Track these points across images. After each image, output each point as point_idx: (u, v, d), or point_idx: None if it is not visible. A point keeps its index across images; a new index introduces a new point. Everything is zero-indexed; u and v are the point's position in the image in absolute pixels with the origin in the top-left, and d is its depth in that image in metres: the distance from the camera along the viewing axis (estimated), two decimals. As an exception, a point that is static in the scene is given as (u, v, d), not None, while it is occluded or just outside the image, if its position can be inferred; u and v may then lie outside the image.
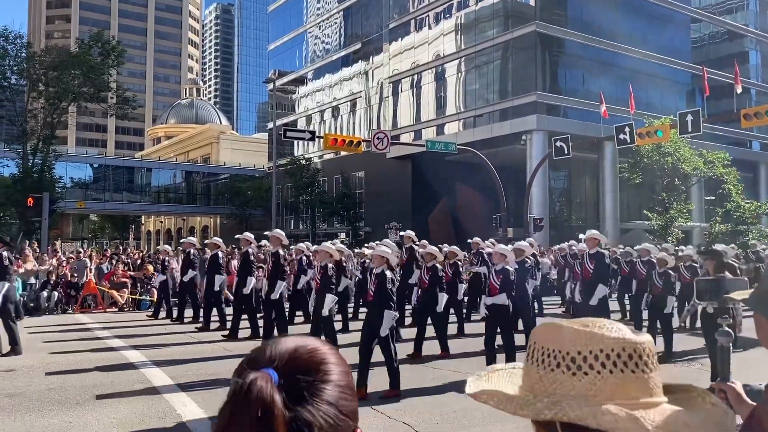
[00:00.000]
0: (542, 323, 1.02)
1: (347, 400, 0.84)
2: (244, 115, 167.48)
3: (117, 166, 58.22)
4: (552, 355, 0.94)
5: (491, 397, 0.98)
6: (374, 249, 8.78)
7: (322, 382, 0.83)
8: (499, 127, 36.06)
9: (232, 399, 0.80)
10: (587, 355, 0.91)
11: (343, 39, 50.95)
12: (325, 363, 0.85)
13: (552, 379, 0.94)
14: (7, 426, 6.16)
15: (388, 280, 7.37)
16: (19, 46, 34.15)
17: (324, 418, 0.80)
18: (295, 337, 0.89)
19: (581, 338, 0.93)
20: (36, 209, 27.93)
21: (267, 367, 0.82)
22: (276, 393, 0.78)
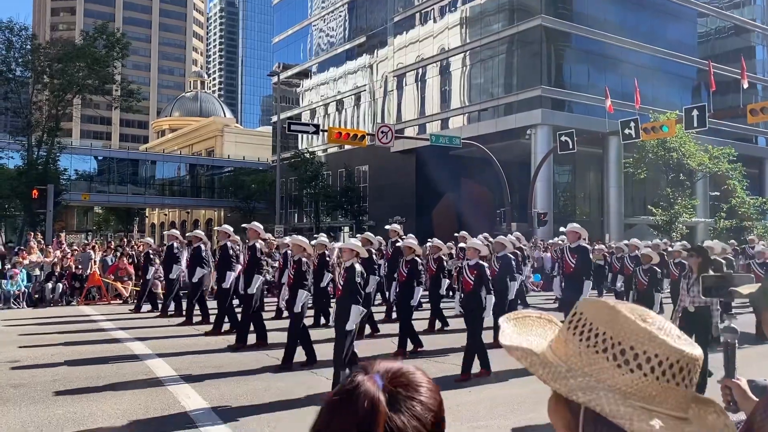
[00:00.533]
0: (595, 300, 1.00)
1: (432, 421, 0.94)
2: (248, 108, 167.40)
3: (121, 159, 58.27)
4: (601, 337, 0.92)
5: (525, 357, 0.98)
6: None
7: (415, 399, 0.92)
8: (503, 121, 35.97)
9: (341, 393, 0.91)
10: (640, 353, 0.89)
11: (347, 32, 50.83)
12: (420, 385, 0.95)
13: (592, 360, 0.92)
14: (13, 416, 6.20)
15: (357, 273, 7.16)
16: (24, 38, 34.16)
17: (412, 428, 0.90)
18: (400, 362, 1.00)
19: (640, 334, 0.90)
20: (41, 201, 28.03)
21: (375, 374, 0.94)
22: (381, 395, 0.89)
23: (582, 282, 9.40)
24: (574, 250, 9.63)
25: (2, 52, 33.34)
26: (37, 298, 16.18)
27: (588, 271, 9.47)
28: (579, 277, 9.42)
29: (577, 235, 9.74)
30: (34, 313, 14.53)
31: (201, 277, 12.63)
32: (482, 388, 7.61)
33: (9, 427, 5.88)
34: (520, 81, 36.27)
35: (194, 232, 13.66)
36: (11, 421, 6.07)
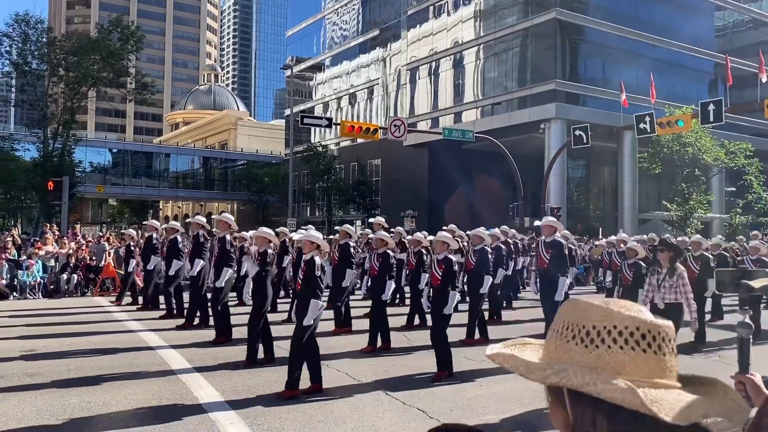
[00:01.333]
0: (569, 299, 1.06)
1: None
2: (261, 102, 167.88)
3: (135, 151, 58.69)
4: (569, 328, 0.99)
5: (506, 360, 1.03)
6: None
7: None
8: (517, 115, 35.78)
9: None
10: (601, 329, 0.96)
11: (360, 25, 50.74)
12: None
13: (565, 350, 0.98)
14: (28, 405, 6.27)
15: (316, 267, 6.87)
16: (40, 31, 34.42)
17: None
18: None
19: (597, 313, 0.97)
20: (56, 193, 28.28)
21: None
22: None
23: (557, 279, 8.81)
24: (548, 245, 9.05)
25: (19, 45, 33.62)
26: (52, 288, 16.35)
27: (563, 268, 8.85)
28: (554, 274, 8.82)
29: (552, 228, 9.17)
30: (49, 303, 14.68)
31: (177, 270, 12.23)
32: (493, 382, 7.59)
33: (25, 415, 5.95)
34: (534, 75, 36.05)
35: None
36: (27, 409, 6.15)
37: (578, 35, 36.84)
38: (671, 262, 7.23)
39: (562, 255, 8.94)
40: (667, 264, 7.29)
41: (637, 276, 9.86)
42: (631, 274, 9.92)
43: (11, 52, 33.85)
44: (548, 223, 9.34)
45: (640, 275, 9.70)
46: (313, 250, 7.10)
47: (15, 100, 40.67)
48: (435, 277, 7.95)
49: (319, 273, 6.88)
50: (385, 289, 9.42)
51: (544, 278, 9.13)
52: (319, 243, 7.27)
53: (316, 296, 6.77)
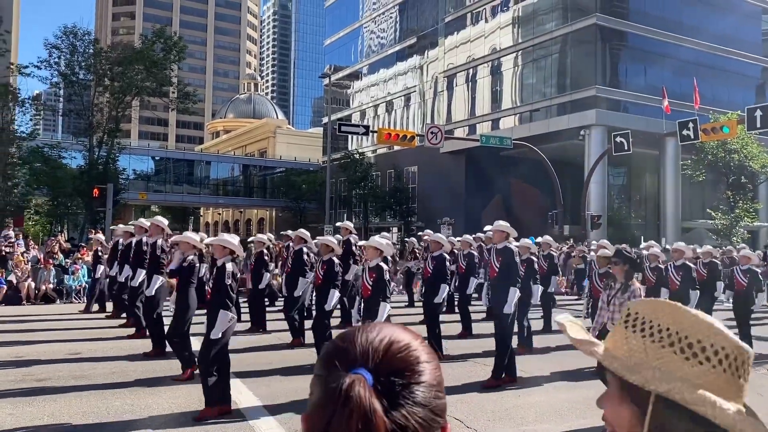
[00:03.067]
0: (650, 299, 1.02)
1: (438, 398, 0.82)
2: (299, 110, 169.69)
3: (177, 159, 59.91)
4: (665, 332, 0.95)
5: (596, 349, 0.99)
6: None
7: (415, 383, 0.80)
8: (556, 121, 35.38)
9: (328, 405, 0.76)
10: (707, 346, 0.93)
11: (398, 33, 50.94)
12: (418, 362, 0.82)
13: (660, 355, 0.95)
14: (73, 407, 6.44)
15: (227, 274, 6.32)
16: (87, 42, 35.44)
17: (417, 420, 0.78)
18: (385, 328, 0.85)
19: (704, 328, 0.94)
20: (101, 200, 29.06)
21: (360, 366, 0.79)
22: (376, 401, 0.75)
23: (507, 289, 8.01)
24: (499, 252, 8.20)
25: (67, 57, 34.69)
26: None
27: (514, 277, 8.03)
28: (504, 284, 8.02)
29: (504, 234, 8.36)
30: (94, 307, 15.05)
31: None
32: (530, 392, 7.50)
33: (71, 416, 6.11)
34: (573, 81, 35.62)
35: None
36: (73, 410, 6.31)
37: (619, 41, 36.28)
38: (626, 277, 6.26)
39: (513, 263, 8.04)
40: (621, 279, 6.30)
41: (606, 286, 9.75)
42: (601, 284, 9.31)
43: (60, 63, 34.95)
44: (499, 228, 8.41)
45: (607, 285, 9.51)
46: (226, 256, 6.48)
47: (63, 109, 41.98)
48: (365, 287, 7.49)
49: (229, 281, 6.29)
50: (328, 298, 8.62)
51: (494, 288, 8.28)
52: (233, 248, 6.59)
53: (226, 307, 6.20)
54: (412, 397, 0.78)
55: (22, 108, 34.47)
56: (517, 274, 8.09)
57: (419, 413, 0.78)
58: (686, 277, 10.40)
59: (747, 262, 10.69)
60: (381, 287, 7.30)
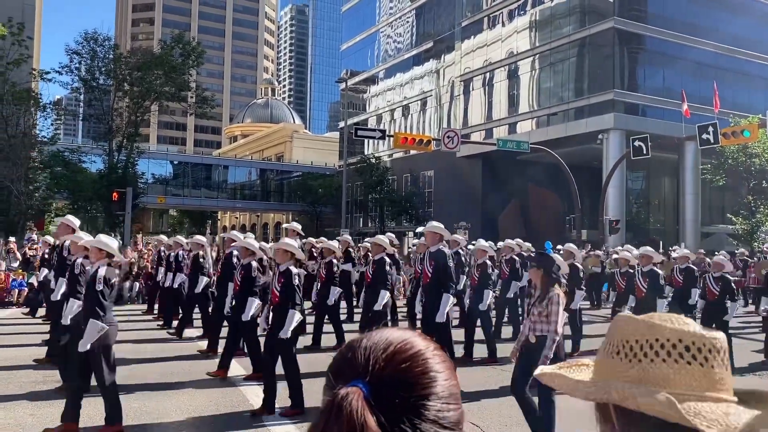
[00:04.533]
0: (618, 315, 1.04)
1: (451, 411, 0.77)
2: (316, 114, 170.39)
3: (195, 164, 60.41)
4: (613, 344, 0.98)
5: (552, 379, 1.03)
6: None
7: (423, 397, 0.74)
8: (574, 125, 35.17)
9: (322, 417, 0.73)
10: (644, 343, 0.94)
11: (414, 38, 50.98)
12: (427, 371, 0.76)
13: (609, 366, 0.97)
14: (92, 408, 6.49)
15: (98, 280, 5.78)
16: (107, 48, 35.93)
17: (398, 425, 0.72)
18: (395, 333, 0.80)
19: (639, 328, 0.96)
20: (120, 203, 29.37)
21: (357, 378, 0.74)
22: (369, 415, 0.70)
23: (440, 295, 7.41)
24: (432, 255, 7.69)
25: (87, 62, 35.18)
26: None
27: (447, 283, 7.50)
28: (436, 291, 7.49)
29: (437, 236, 7.74)
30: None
31: None
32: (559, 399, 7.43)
33: (90, 417, 6.16)
34: (591, 85, 35.40)
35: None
36: (92, 412, 6.36)
37: (637, 44, 36.00)
38: (543, 283, 5.57)
39: (446, 267, 7.50)
40: (539, 285, 5.61)
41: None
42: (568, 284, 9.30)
43: (80, 68, 35.45)
44: (431, 229, 7.77)
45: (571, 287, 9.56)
46: (102, 259, 5.93)
47: (83, 114, 42.56)
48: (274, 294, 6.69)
49: (100, 287, 5.70)
50: (246, 307, 7.78)
51: (427, 295, 7.76)
52: (111, 251, 5.99)
53: (96, 316, 5.63)
54: (415, 411, 0.73)
55: (43, 113, 34.99)
56: (450, 279, 7.54)
57: (423, 427, 0.73)
58: (652, 283, 9.33)
59: (720, 269, 9.92)
60: (289, 294, 6.48)
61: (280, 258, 6.75)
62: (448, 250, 7.72)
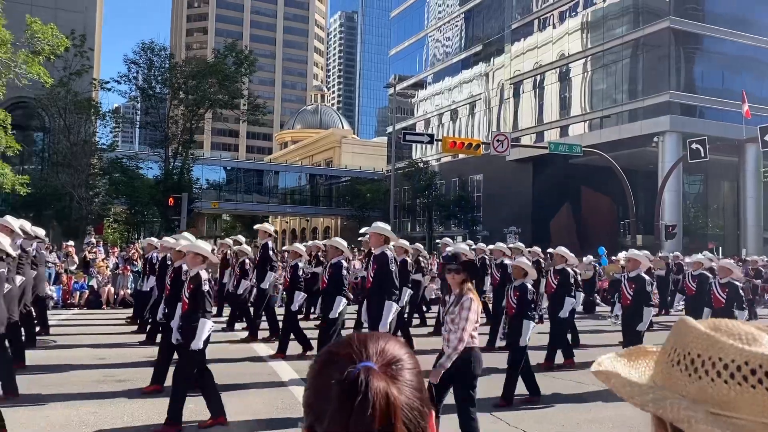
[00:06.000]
0: (680, 318, 0.99)
1: (421, 383, 0.92)
2: (364, 120, 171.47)
3: (248, 169, 61.66)
4: (676, 351, 0.93)
5: (608, 378, 0.99)
6: None
7: (405, 369, 0.90)
8: (628, 128, 34.36)
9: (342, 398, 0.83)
10: (705, 359, 0.88)
11: (463, 41, 50.77)
12: (401, 354, 0.92)
13: (669, 374, 0.93)
14: (148, 409, 6.68)
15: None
16: (163, 57, 36.97)
17: (410, 399, 0.87)
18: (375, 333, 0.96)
19: (701, 340, 0.90)
20: (176, 208, 30.17)
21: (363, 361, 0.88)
22: (390, 385, 0.85)
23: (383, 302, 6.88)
24: (375, 259, 7.15)
25: (144, 72, 36.29)
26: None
27: (389, 289, 6.91)
28: (379, 297, 6.97)
29: (381, 238, 7.13)
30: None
31: None
32: (604, 407, 7.27)
33: (148, 416, 6.35)
34: (646, 86, 34.54)
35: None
36: (149, 411, 6.56)
37: (694, 44, 34.96)
38: (461, 288, 4.99)
39: (388, 272, 6.97)
40: (456, 287, 5.04)
41: None
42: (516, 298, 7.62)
43: (138, 77, 36.61)
44: (376, 230, 7.16)
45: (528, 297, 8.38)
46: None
47: (140, 122, 43.92)
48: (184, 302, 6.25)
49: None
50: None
51: (369, 301, 7.28)
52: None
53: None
54: (407, 382, 0.89)
55: (103, 121, 36.26)
56: (392, 285, 6.95)
57: (416, 395, 0.88)
58: (639, 290, 8.45)
59: (727, 274, 9.25)
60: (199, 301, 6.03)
61: (191, 261, 6.32)
62: (391, 254, 7.07)
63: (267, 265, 11.15)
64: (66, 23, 32.56)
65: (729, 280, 9.18)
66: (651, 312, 8.33)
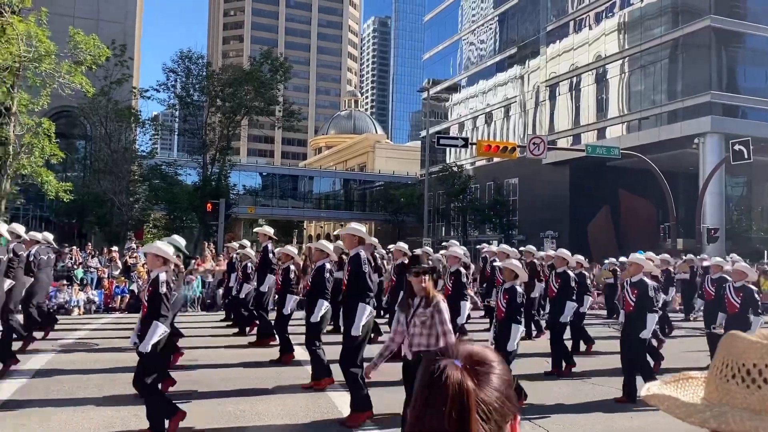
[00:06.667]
0: (728, 333, 0.98)
1: (508, 389, 1.04)
2: (398, 124, 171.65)
3: (283, 175, 62.29)
4: (729, 366, 0.91)
5: (661, 401, 0.98)
6: None
7: (491, 373, 1.03)
8: (667, 130, 33.67)
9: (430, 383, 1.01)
10: (762, 368, 0.87)
11: (498, 44, 50.45)
12: (492, 360, 1.06)
13: (726, 390, 0.91)
14: (192, 411, 6.76)
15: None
16: (201, 65, 37.67)
17: (496, 399, 1.01)
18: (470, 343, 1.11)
19: (755, 349, 0.89)
20: (214, 214, 30.65)
21: (456, 360, 1.04)
22: (467, 377, 1.00)
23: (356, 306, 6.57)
24: (350, 261, 6.89)
25: (183, 80, 37.00)
26: (209, 303, 17.64)
27: (363, 291, 6.58)
28: (352, 299, 6.66)
29: (355, 239, 6.87)
30: (207, 316, 15.83)
31: None
32: (647, 414, 7.11)
33: (189, 418, 6.43)
34: (685, 87, 33.81)
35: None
36: (191, 414, 6.64)
37: (736, 43, 34.10)
38: (427, 291, 4.86)
39: (360, 274, 6.64)
40: (421, 293, 4.89)
41: None
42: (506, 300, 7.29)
43: (176, 86, 37.33)
44: (349, 231, 7.06)
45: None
46: None
47: (178, 129, 44.77)
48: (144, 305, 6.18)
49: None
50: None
51: (345, 306, 6.99)
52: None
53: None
54: (490, 383, 1.02)
55: (142, 128, 37.05)
56: (366, 288, 6.57)
57: (496, 395, 1.01)
58: (642, 295, 7.91)
59: (741, 278, 8.87)
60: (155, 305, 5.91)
61: (150, 263, 6.27)
62: (364, 255, 6.82)
63: (267, 268, 11.04)
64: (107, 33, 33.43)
65: (743, 283, 8.81)
66: (655, 318, 7.88)
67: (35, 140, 22.14)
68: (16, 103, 21.92)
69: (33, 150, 22.22)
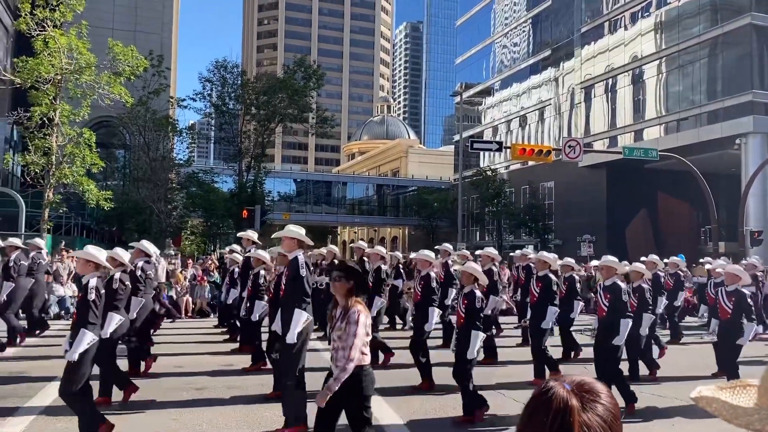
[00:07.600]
0: None
1: (613, 421, 1.13)
2: (431, 129, 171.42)
3: (317, 181, 62.79)
4: None
5: (709, 403, 1.02)
6: None
7: (597, 402, 1.13)
8: (707, 130, 32.90)
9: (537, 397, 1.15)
10: None
11: (531, 47, 50.03)
12: (601, 391, 1.16)
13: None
14: (227, 415, 6.85)
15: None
16: (236, 74, 38.19)
17: (596, 423, 1.11)
18: (583, 375, 1.23)
19: None
20: (249, 220, 30.99)
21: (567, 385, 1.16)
22: (574, 398, 1.12)
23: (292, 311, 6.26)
24: (288, 264, 6.59)
25: (218, 89, 37.58)
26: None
27: (300, 296, 6.26)
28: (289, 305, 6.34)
29: (294, 242, 6.53)
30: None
31: None
32: (687, 422, 6.94)
33: (226, 423, 6.50)
34: (726, 86, 33.00)
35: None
36: (227, 419, 6.72)
37: (778, 40, 33.18)
38: (347, 299, 4.35)
39: (297, 278, 6.30)
40: (343, 301, 4.39)
41: None
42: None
43: (212, 95, 37.94)
44: (288, 234, 6.60)
45: None
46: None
47: (214, 137, 45.46)
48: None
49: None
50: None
51: (282, 313, 6.60)
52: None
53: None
54: (595, 409, 1.12)
55: (179, 137, 37.72)
56: (303, 293, 6.26)
57: (599, 422, 1.11)
58: (615, 300, 7.58)
59: (734, 281, 8.46)
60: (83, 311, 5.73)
61: (80, 269, 6.09)
62: (303, 258, 6.47)
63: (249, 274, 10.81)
64: (144, 44, 34.20)
65: (736, 287, 8.43)
66: (628, 324, 7.51)
67: (77, 150, 22.70)
68: (58, 114, 22.51)
69: (74, 160, 22.78)
